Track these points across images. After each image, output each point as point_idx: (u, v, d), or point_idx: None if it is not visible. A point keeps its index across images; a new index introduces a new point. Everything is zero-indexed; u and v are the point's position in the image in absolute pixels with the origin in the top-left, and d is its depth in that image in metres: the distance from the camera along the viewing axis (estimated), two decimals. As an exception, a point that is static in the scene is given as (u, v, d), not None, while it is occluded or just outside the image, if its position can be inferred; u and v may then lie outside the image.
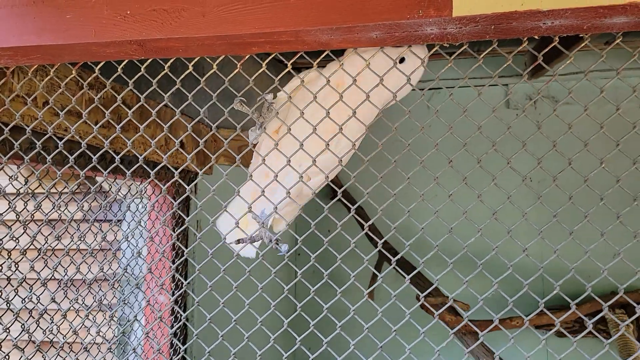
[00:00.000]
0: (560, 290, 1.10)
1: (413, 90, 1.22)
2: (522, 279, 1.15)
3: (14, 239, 1.32)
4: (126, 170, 1.22)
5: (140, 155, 1.22)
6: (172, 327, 2.37)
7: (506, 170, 1.13)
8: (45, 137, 1.25)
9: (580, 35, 1.02)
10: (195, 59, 1.17)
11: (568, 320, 2.88)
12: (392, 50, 1.15)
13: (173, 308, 2.33)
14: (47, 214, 1.49)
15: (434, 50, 1.10)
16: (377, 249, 1.30)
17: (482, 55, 1.10)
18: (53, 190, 2.74)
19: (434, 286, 1.25)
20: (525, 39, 1.05)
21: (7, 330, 1.40)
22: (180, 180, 1.21)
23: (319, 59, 1.16)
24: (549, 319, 2.88)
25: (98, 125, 1.23)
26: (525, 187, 1.14)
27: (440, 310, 1.18)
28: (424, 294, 1.22)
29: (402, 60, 1.21)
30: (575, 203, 1.12)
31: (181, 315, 2.39)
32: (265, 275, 1.21)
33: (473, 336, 2.85)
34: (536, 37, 1.02)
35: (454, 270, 1.15)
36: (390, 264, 3.50)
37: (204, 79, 1.17)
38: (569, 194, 1.10)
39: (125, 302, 2.54)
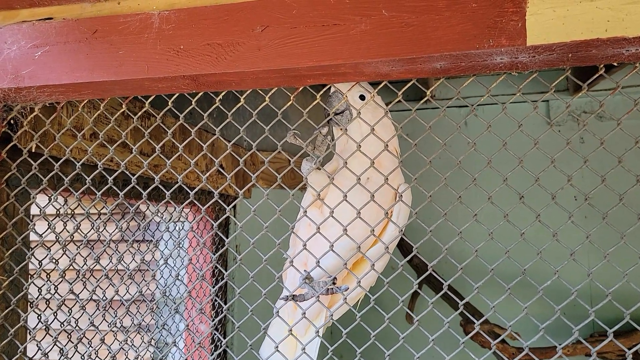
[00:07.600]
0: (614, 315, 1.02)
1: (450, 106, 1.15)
2: (587, 306, 1.07)
3: (54, 260, 1.30)
4: (176, 206, 1.19)
5: (193, 186, 1.19)
6: (212, 354, 2.34)
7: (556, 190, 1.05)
8: (96, 172, 1.23)
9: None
10: (247, 92, 1.14)
11: (621, 349, 2.71)
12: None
13: (213, 335, 2.29)
14: (85, 235, 1.47)
15: (501, 77, 1.03)
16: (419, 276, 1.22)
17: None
18: (91, 210, 2.75)
19: (489, 314, 1.17)
20: (601, 66, 0.97)
21: (46, 355, 1.38)
22: (220, 201, 1.17)
23: (376, 89, 1.11)
24: (603, 347, 2.72)
25: (150, 159, 1.21)
26: (574, 206, 1.06)
27: (495, 341, 1.10)
28: (479, 322, 1.15)
29: (362, 97, 1.21)
30: None
31: (221, 341, 2.35)
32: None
33: (522, 364, 2.72)
34: (615, 64, 0.95)
35: (512, 295, 1.07)
36: (431, 288, 3.36)
37: (255, 112, 1.14)
38: (638, 214, 1.01)
39: (164, 326, 2.52)
